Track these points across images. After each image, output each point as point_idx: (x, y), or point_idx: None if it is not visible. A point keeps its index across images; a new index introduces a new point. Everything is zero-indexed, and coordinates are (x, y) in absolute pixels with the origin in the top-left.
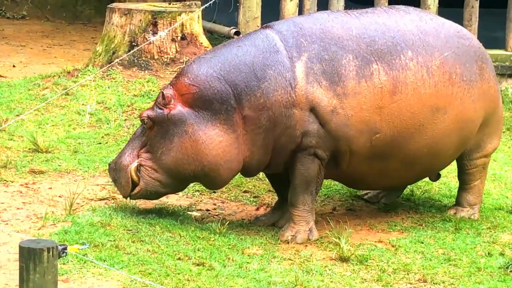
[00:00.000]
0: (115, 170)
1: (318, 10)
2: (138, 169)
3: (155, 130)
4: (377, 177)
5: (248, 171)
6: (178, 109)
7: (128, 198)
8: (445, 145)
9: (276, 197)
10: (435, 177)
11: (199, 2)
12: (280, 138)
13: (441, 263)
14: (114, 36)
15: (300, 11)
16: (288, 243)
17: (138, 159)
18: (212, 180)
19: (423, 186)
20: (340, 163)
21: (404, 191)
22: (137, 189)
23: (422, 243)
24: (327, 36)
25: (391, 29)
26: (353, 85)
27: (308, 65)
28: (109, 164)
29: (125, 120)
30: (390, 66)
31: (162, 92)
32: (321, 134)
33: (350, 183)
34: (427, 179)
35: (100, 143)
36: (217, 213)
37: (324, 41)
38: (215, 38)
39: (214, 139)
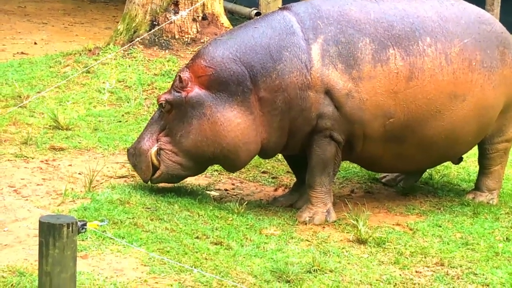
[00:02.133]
0: (135, 155)
1: None
2: (158, 153)
3: (174, 114)
4: (392, 161)
5: (265, 152)
6: (196, 91)
7: (149, 183)
8: (463, 131)
9: (294, 178)
10: (457, 159)
11: None
12: (296, 120)
13: (459, 247)
14: (136, 15)
15: None
16: (305, 224)
17: (158, 143)
18: (231, 161)
19: (442, 170)
20: (355, 146)
21: (423, 175)
22: (158, 173)
23: (440, 227)
24: (344, 19)
25: (411, 15)
26: (368, 69)
27: (324, 47)
28: (128, 150)
29: (145, 99)
30: (407, 51)
31: (179, 75)
32: (336, 117)
33: (366, 165)
34: (446, 162)
35: (120, 121)
36: (235, 193)
37: (341, 24)
38: (235, 19)
39: (232, 121)
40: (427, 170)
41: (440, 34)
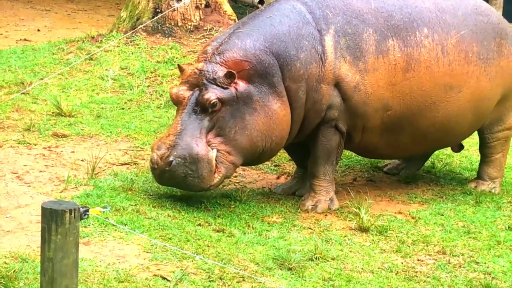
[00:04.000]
0: (188, 164)
1: None
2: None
3: (223, 111)
4: (387, 149)
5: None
6: (242, 85)
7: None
8: (458, 122)
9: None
10: (458, 147)
11: None
12: (309, 111)
13: (461, 236)
14: (139, 2)
15: None
16: (308, 212)
17: (212, 145)
18: (271, 154)
19: (444, 159)
20: (354, 138)
21: (425, 163)
22: (218, 177)
23: (442, 215)
24: (348, 9)
25: (409, 5)
26: (372, 61)
27: (335, 39)
28: (171, 162)
29: (148, 86)
30: (405, 42)
31: (228, 71)
32: (342, 108)
33: (361, 153)
34: (449, 151)
35: (123, 109)
36: (238, 181)
37: (346, 14)
38: (238, 7)
39: (278, 113)
40: (430, 159)
41: (437, 25)
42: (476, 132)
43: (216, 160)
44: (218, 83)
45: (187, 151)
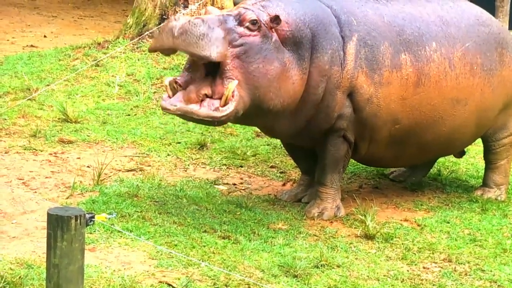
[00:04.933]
0: (210, 28)
1: None
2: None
3: (256, 40)
4: (392, 160)
5: (278, 132)
6: (282, 36)
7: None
8: (462, 134)
9: None
10: (460, 154)
11: None
12: (319, 114)
13: (467, 244)
14: (145, 9)
15: None
16: (314, 219)
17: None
18: (271, 117)
19: (450, 167)
20: (360, 148)
21: (431, 170)
22: (227, 108)
23: (448, 223)
24: (368, 20)
25: (417, 18)
26: (387, 75)
27: (357, 48)
28: (194, 19)
29: (154, 92)
30: (416, 57)
31: (276, 15)
32: (352, 118)
33: (366, 163)
34: (455, 159)
35: (129, 115)
36: (243, 188)
37: (366, 25)
38: None
39: (295, 84)
40: (435, 166)
41: (444, 38)
42: (480, 139)
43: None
44: (265, 23)
45: (211, 19)
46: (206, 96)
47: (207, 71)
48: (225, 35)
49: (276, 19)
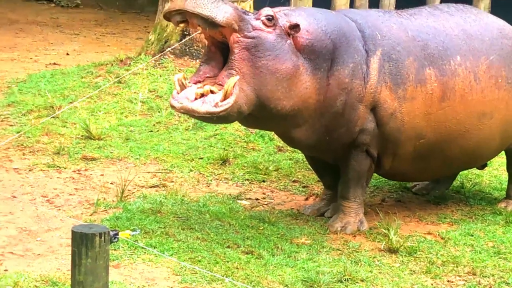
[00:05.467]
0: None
1: (369, 1)
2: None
3: (268, 37)
4: (416, 174)
5: (297, 141)
6: (300, 43)
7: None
8: (487, 147)
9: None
10: (481, 166)
11: None
12: (340, 128)
13: (491, 256)
14: (167, 25)
15: (352, 2)
16: (337, 233)
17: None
18: (278, 118)
19: (473, 179)
20: (384, 164)
21: (454, 183)
22: (226, 103)
23: (472, 236)
24: (393, 35)
25: (440, 33)
26: (412, 89)
27: (381, 62)
28: None
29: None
30: (441, 71)
31: (296, 23)
32: (375, 133)
33: (390, 177)
34: (478, 171)
35: (151, 131)
36: (266, 202)
37: (391, 39)
38: None
39: (313, 91)
40: (458, 178)
41: (468, 52)
42: (503, 152)
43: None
44: (283, 26)
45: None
46: (211, 92)
47: (224, 64)
48: (237, 14)
49: (295, 27)
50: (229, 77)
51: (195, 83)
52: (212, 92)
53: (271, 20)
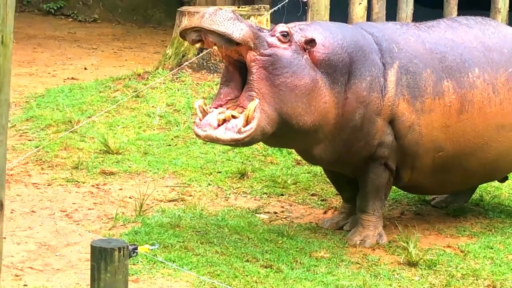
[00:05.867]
0: (239, 17)
1: (386, 14)
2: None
3: (284, 53)
4: (436, 187)
5: (317, 158)
6: (316, 57)
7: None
8: (507, 160)
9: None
10: (503, 179)
11: (268, 6)
12: (359, 142)
13: (511, 269)
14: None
15: (369, 15)
16: (356, 247)
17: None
18: (307, 145)
19: (493, 192)
20: (402, 176)
21: (473, 196)
22: (250, 128)
23: (492, 248)
24: (410, 47)
25: (459, 45)
26: (429, 102)
27: (398, 75)
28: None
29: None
30: (459, 84)
31: (312, 38)
32: (393, 146)
33: (408, 190)
34: (497, 184)
35: (169, 145)
36: (285, 216)
37: (408, 52)
38: None
39: (332, 106)
40: (477, 191)
41: (487, 64)
42: None
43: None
44: (299, 41)
45: (236, 14)
46: (233, 116)
47: (243, 83)
48: (253, 32)
49: (311, 42)
50: (249, 99)
51: (216, 108)
52: (233, 117)
53: (286, 36)
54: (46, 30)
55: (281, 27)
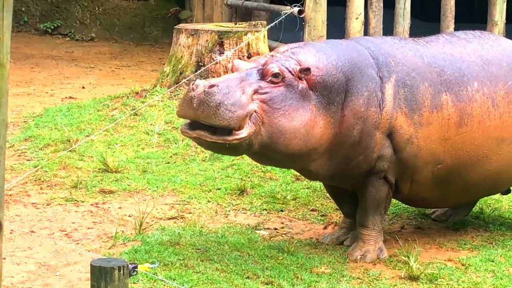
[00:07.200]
0: (228, 95)
1: (383, 28)
2: (250, 114)
3: (280, 91)
4: (437, 200)
5: (315, 174)
6: (305, 86)
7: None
8: (508, 172)
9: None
10: (505, 191)
11: (265, 22)
12: (358, 156)
13: None
14: (181, 57)
15: (366, 30)
16: (357, 262)
17: (253, 104)
18: (303, 165)
19: (493, 204)
20: (402, 189)
21: (474, 209)
22: (240, 134)
23: (493, 261)
24: (407, 60)
25: (457, 59)
26: (427, 115)
27: (395, 88)
28: (212, 85)
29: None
30: (457, 97)
31: (307, 67)
32: (392, 159)
33: (409, 203)
34: (497, 196)
35: (168, 163)
36: (285, 232)
37: (405, 66)
38: None
39: (327, 127)
40: (478, 204)
41: (486, 78)
42: None
43: (250, 118)
44: (293, 72)
45: (229, 80)
46: None
47: None
48: (245, 91)
49: (306, 71)
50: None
51: None
52: None
53: (278, 77)
54: (43, 50)
55: (272, 68)
